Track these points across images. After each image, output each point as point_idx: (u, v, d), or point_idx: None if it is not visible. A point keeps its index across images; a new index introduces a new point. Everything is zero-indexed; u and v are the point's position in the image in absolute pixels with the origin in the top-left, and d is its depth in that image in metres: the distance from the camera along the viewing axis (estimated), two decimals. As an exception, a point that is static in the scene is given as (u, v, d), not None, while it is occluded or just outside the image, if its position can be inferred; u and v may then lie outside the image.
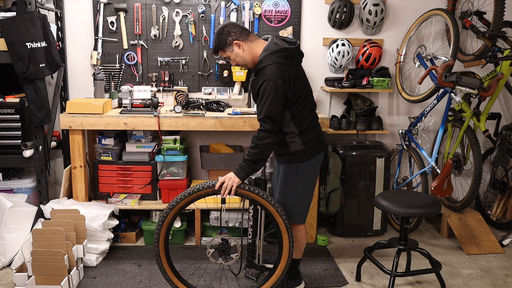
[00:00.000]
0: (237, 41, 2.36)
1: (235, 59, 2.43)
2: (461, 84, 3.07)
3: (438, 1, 3.76)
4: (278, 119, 2.30)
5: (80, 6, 3.53)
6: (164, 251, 2.43)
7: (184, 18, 3.58)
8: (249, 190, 2.35)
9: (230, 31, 2.37)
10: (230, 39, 2.37)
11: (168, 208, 2.37)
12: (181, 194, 2.36)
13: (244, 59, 2.41)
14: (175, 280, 2.49)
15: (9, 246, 2.96)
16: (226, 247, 2.50)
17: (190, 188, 2.36)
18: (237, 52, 2.39)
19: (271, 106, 2.25)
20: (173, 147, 3.30)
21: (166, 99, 3.69)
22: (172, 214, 2.38)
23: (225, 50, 2.41)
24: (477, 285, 2.87)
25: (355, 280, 2.89)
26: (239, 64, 2.48)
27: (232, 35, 2.36)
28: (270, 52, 2.31)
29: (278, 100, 2.26)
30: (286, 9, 3.65)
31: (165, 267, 2.45)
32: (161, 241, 2.41)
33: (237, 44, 2.37)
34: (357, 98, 3.75)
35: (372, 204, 3.41)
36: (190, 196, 2.35)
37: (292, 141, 2.41)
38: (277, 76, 2.25)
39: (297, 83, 2.33)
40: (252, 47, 2.39)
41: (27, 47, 2.90)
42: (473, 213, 3.55)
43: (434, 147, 3.42)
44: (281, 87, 2.26)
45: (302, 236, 2.58)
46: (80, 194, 3.20)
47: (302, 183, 2.49)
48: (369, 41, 3.65)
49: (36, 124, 3.06)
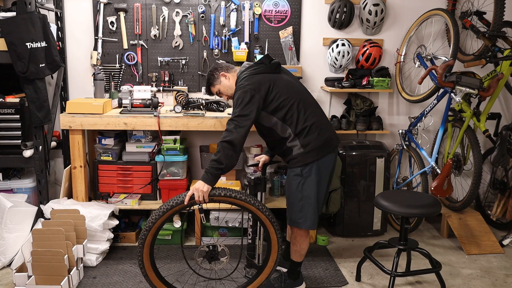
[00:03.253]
0: (223, 72, 2.60)
1: (225, 91, 2.62)
2: (461, 84, 3.07)
3: (438, 1, 3.76)
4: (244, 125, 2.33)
5: (80, 6, 3.53)
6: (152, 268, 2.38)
7: (184, 18, 3.58)
8: (225, 195, 2.30)
9: (217, 67, 2.63)
10: (217, 73, 2.61)
11: (146, 230, 2.31)
12: (153, 215, 2.30)
13: (231, 88, 2.58)
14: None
15: (9, 246, 2.96)
16: (214, 253, 2.47)
17: (161, 207, 2.30)
18: (224, 82, 2.60)
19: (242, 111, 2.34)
20: (173, 147, 3.30)
21: (166, 99, 3.69)
22: (151, 236, 2.32)
23: (214, 84, 2.63)
24: (477, 285, 2.87)
25: (355, 280, 2.89)
26: (229, 97, 2.64)
27: (218, 69, 2.62)
28: (241, 72, 2.52)
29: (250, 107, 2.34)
30: (286, 9, 3.65)
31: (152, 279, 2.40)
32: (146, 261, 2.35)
33: (224, 75, 2.60)
34: (357, 98, 3.75)
35: (372, 204, 3.41)
36: (163, 216, 2.30)
37: (293, 145, 2.44)
38: (244, 85, 2.39)
39: (273, 88, 2.40)
40: (236, 76, 2.58)
41: (27, 47, 2.90)
42: (473, 213, 3.55)
43: (434, 147, 3.42)
44: (257, 95, 2.35)
45: (303, 241, 2.56)
46: (80, 194, 3.20)
47: (309, 187, 2.45)
48: (369, 41, 3.65)
49: (36, 124, 3.06)
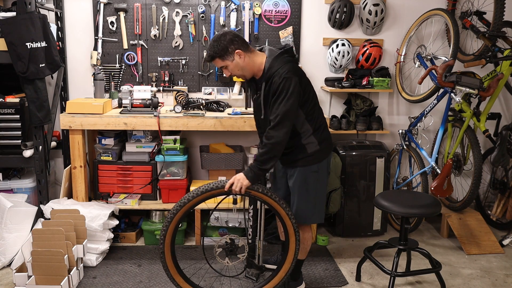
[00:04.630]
0: (239, 50, 2.26)
1: (233, 70, 2.33)
2: (461, 84, 3.07)
3: (438, 1, 3.76)
4: (292, 118, 2.26)
5: (80, 6, 3.53)
6: (170, 250, 2.40)
7: (184, 18, 3.57)
8: (262, 192, 2.33)
9: (233, 39, 2.26)
10: (233, 47, 2.26)
11: (179, 205, 2.33)
12: (192, 193, 2.33)
13: (244, 70, 2.33)
14: (178, 279, 2.45)
15: (9, 246, 2.96)
16: (233, 247, 2.52)
17: (201, 187, 2.33)
18: (237, 62, 2.29)
19: (288, 104, 2.21)
20: (173, 147, 3.30)
21: (166, 99, 3.68)
22: (182, 212, 2.35)
23: (224, 58, 2.29)
24: (477, 285, 2.87)
25: (355, 280, 2.89)
26: (235, 75, 2.37)
27: (234, 43, 2.26)
28: (276, 56, 2.29)
29: (294, 98, 2.23)
30: (286, 9, 3.65)
31: (169, 266, 2.41)
32: (168, 240, 2.37)
33: (239, 54, 2.27)
34: (357, 98, 3.75)
35: (372, 204, 3.41)
36: (201, 195, 2.33)
37: (308, 142, 2.38)
38: (293, 73, 2.24)
39: (305, 81, 2.36)
40: (252, 58, 2.31)
41: (27, 47, 2.90)
42: (473, 213, 3.55)
43: (434, 147, 3.42)
44: (298, 85, 2.24)
45: (309, 237, 2.61)
46: (80, 194, 3.20)
47: (321, 183, 2.49)
48: (369, 41, 3.65)
49: (36, 124, 3.06)
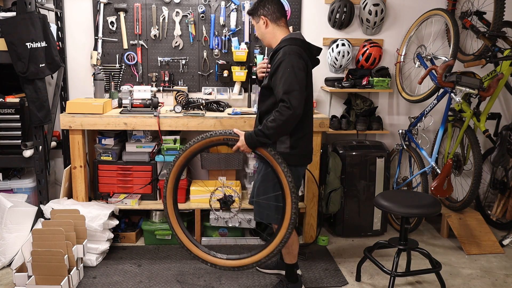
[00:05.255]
0: (264, 17, 2.40)
1: (256, 30, 2.49)
2: (461, 84, 3.07)
3: (438, 1, 3.76)
4: (301, 92, 2.19)
5: (80, 6, 3.53)
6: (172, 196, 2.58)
7: (184, 18, 3.58)
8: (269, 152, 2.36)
9: (266, 5, 2.39)
10: (261, 11, 2.40)
11: (182, 150, 2.49)
12: (192, 140, 2.48)
13: (263, 36, 2.45)
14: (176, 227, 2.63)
15: (9, 246, 2.96)
16: (229, 200, 2.64)
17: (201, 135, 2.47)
18: (260, 26, 2.43)
19: (293, 78, 2.19)
20: (173, 147, 3.30)
21: (166, 99, 3.69)
22: (185, 157, 2.50)
23: (253, 17, 2.46)
24: (477, 285, 2.87)
25: (355, 280, 2.89)
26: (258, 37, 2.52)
27: (265, 9, 2.39)
28: (295, 39, 2.33)
29: (300, 72, 2.21)
30: (286, 9, 3.64)
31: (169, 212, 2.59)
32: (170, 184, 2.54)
33: (263, 20, 2.40)
34: (357, 98, 3.75)
35: (372, 204, 3.41)
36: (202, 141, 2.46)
37: (282, 140, 2.36)
38: (298, 54, 2.25)
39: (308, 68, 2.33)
40: (276, 31, 2.41)
41: (27, 47, 2.90)
42: (473, 213, 3.55)
43: (434, 147, 3.42)
44: (302, 64, 2.23)
45: (293, 241, 2.55)
46: (80, 194, 3.20)
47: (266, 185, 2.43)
48: (369, 41, 3.65)
49: (36, 124, 3.06)
